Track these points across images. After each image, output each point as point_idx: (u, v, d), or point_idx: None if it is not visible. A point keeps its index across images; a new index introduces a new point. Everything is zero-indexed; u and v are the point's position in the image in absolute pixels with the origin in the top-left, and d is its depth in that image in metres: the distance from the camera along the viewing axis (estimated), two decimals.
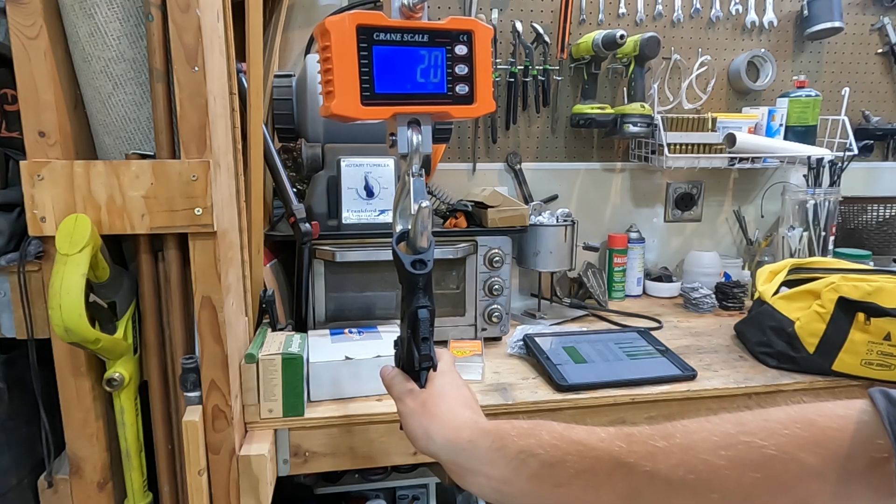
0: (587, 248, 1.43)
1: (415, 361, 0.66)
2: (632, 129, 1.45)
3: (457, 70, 0.62)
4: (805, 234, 1.48)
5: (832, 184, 1.49)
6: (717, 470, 0.44)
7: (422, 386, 0.68)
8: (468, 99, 0.63)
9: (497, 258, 1.18)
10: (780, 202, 1.58)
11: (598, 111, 1.48)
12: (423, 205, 0.61)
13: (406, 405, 0.67)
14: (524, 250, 1.38)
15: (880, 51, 1.70)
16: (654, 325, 1.36)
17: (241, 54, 0.92)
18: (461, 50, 0.62)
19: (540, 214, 1.38)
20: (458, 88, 0.63)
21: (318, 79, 1.13)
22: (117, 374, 0.79)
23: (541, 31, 1.49)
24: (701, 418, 0.48)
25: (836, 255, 1.50)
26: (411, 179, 0.63)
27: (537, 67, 1.51)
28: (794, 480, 0.42)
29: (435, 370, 0.68)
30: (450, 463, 0.61)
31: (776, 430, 0.44)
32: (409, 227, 0.64)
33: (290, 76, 1.18)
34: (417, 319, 0.65)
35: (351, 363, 0.95)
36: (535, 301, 1.46)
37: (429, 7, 1.38)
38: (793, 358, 1.08)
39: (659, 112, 1.54)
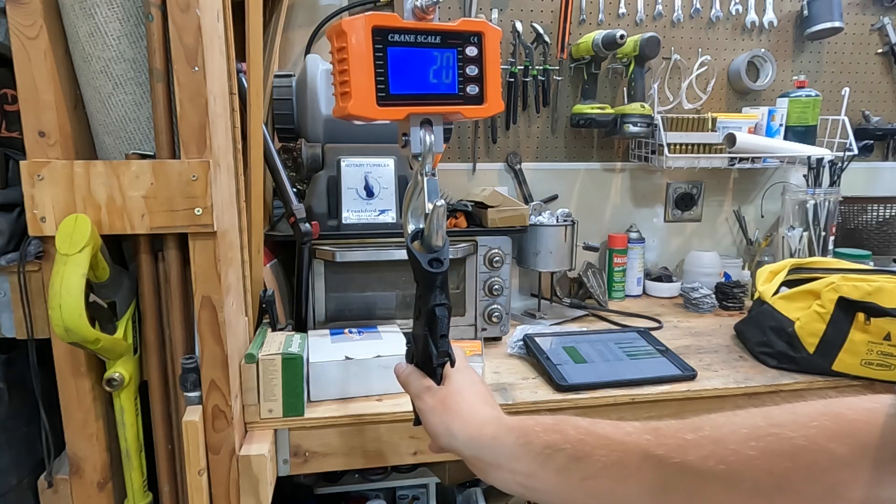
0: (587, 248, 1.43)
1: (433, 359, 0.67)
2: (632, 129, 1.45)
3: (467, 71, 0.63)
4: (805, 234, 1.48)
5: (832, 184, 1.49)
6: (748, 460, 0.45)
7: (438, 382, 0.68)
8: (479, 99, 0.64)
9: (497, 258, 1.18)
10: (780, 202, 1.58)
11: (598, 111, 1.48)
12: (439, 204, 0.62)
13: (425, 402, 0.67)
14: (524, 250, 1.38)
15: (880, 51, 1.70)
16: (654, 325, 1.36)
17: (241, 54, 0.92)
18: (472, 51, 0.62)
19: (540, 214, 1.38)
20: (468, 89, 0.63)
21: (318, 79, 1.13)
22: (117, 374, 0.79)
23: (541, 31, 1.49)
24: (728, 412, 0.49)
25: (836, 255, 1.50)
26: (425, 179, 0.63)
27: (537, 67, 1.51)
28: (825, 469, 0.43)
29: (453, 366, 0.69)
30: (473, 459, 0.61)
31: (805, 423, 0.44)
32: (423, 226, 0.64)
33: (290, 76, 1.18)
34: (435, 317, 0.65)
35: (351, 363, 0.95)
36: (535, 301, 1.46)
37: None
38: (793, 358, 1.08)
39: (659, 112, 1.54)
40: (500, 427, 0.60)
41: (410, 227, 0.66)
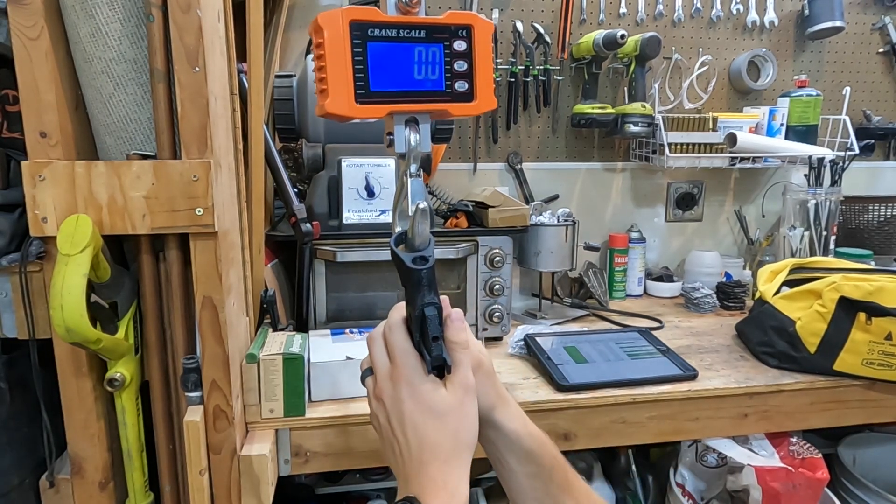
0: (588, 247, 1.43)
1: (427, 365, 0.61)
2: (633, 128, 1.45)
3: (456, 66, 0.59)
4: (806, 233, 1.48)
5: (833, 183, 1.49)
6: None
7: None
8: (468, 96, 0.61)
9: (498, 258, 1.18)
10: (781, 202, 1.58)
11: (599, 111, 1.48)
12: (422, 205, 0.58)
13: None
14: (525, 250, 1.38)
15: (881, 50, 1.69)
16: (655, 324, 1.36)
17: (242, 55, 0.92)
18: (460, 45, 0.59)
19: (541, 214, 1.38)
20: (457, 85, 0.60)
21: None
22: (118, 375, 0.79)
23: (541, 30, 1.49)
24: None
25: (838, 254, 1.50)
26: (409, 180, 0.60)
27: (538, 67, 1.51)
28: None
29: (449, 372, 0.62)
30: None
31: None
32: (407, 228, 0.62)
33: (290, 76, 1.18)
34: (425, 318, 0.60)
35: (352, 363, 0.95)
36: (536, 301, 1.46)
37: (429, 7, 1.38)
38: (794, 358, 1.08)
39: (660, 112, 1.54)
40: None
41: (398, 230, 0.63)
